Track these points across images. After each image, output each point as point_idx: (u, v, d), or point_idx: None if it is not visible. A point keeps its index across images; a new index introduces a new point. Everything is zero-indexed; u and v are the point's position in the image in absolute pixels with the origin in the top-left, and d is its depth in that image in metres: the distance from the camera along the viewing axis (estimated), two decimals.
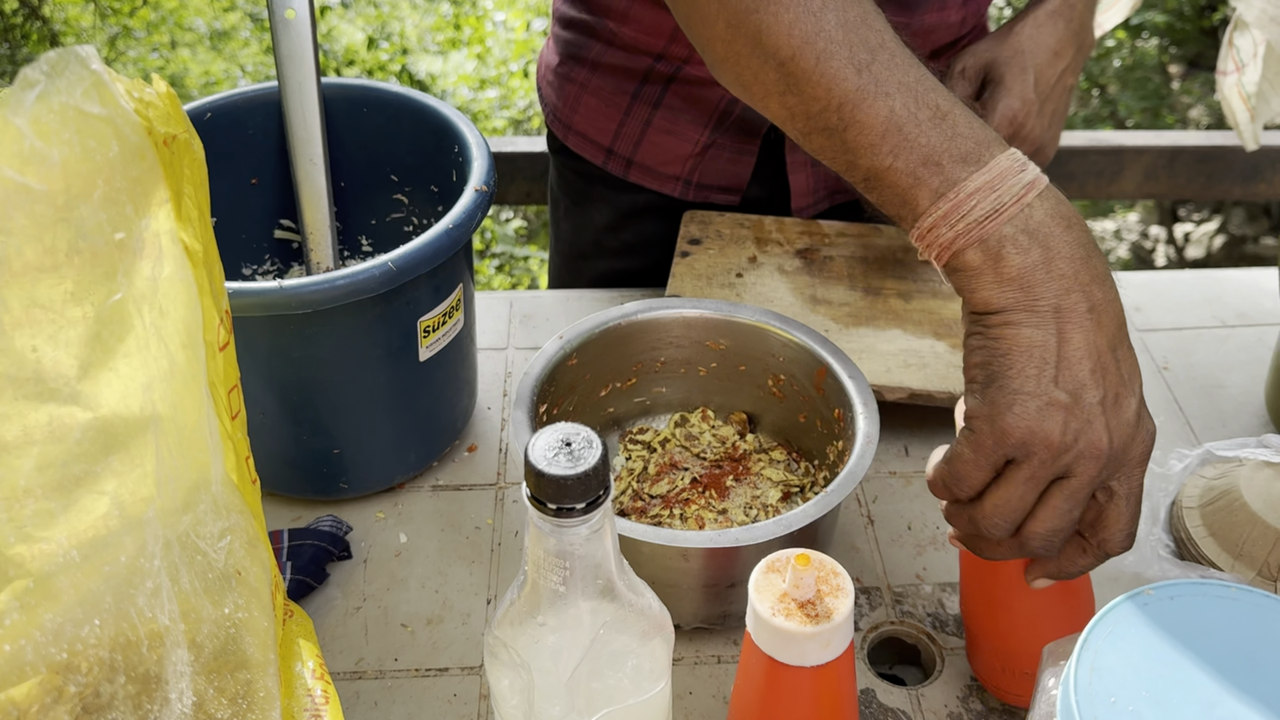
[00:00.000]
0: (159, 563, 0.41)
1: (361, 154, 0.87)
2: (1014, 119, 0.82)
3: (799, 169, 1.01)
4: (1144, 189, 1.60)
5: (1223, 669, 0.41)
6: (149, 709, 0.41)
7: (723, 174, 1.01)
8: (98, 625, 0.43)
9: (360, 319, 0.71)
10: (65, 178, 0.38)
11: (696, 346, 0.83)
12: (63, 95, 0.37)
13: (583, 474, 0.45)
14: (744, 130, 0.98)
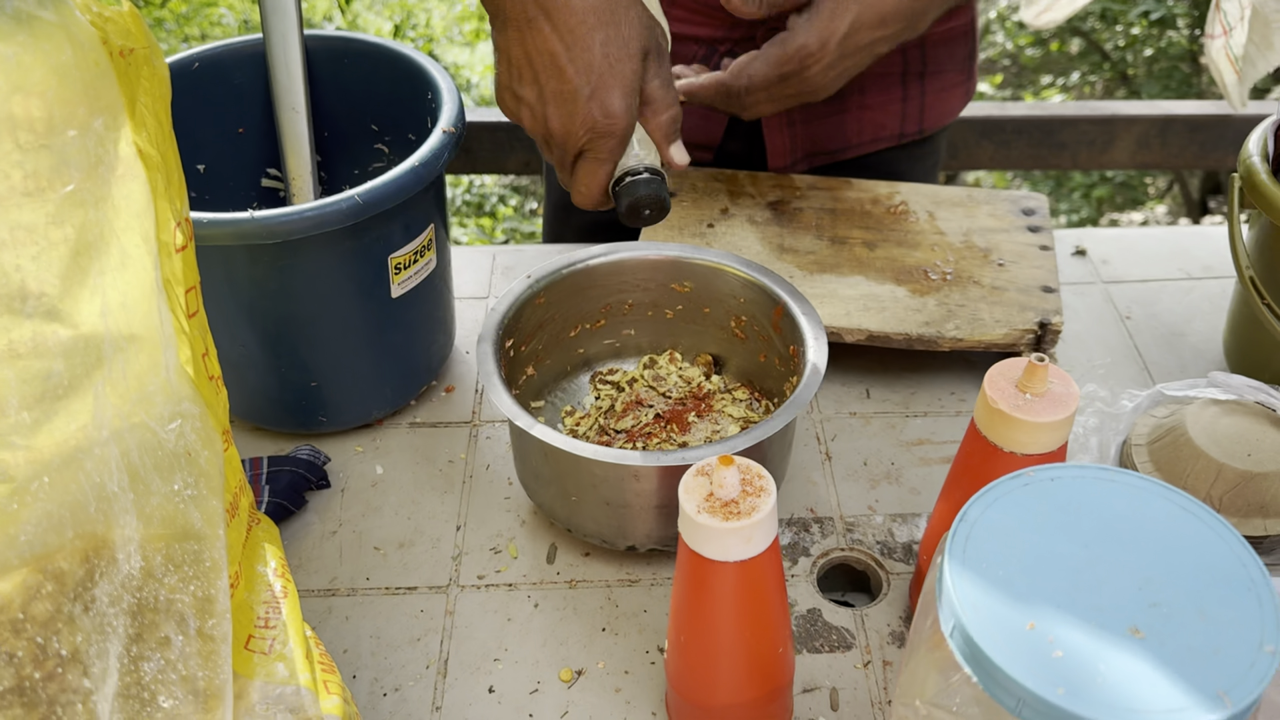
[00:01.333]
0: (107, 433, 0.44)
1: (343, 104, 0.91)
2: (805, 58, 0.82)
3: (775, 129, 1.04)
4: (1136, 159, 1.61)
5: (1092, 541, 0.44)
6: (95, 578, 0.45)
7: (698, 130, 1.04)
8: (23, 552, 0.47)
9: (332, 252, 0.74)
10: (18, 76, 0.42)
11: (662, 289, 0.86)
12: (17, 2, 0.41)
13: None
14: None
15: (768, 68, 0.85)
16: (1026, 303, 0.88)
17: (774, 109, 0.88)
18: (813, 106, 1.04)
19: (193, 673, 0.46)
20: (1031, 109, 1.61)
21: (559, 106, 0.67)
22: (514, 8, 0.65)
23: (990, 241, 0.95)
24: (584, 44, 0.65)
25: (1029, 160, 1.64)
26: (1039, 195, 0.99)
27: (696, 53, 1.01)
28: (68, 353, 0.50)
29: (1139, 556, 0.43)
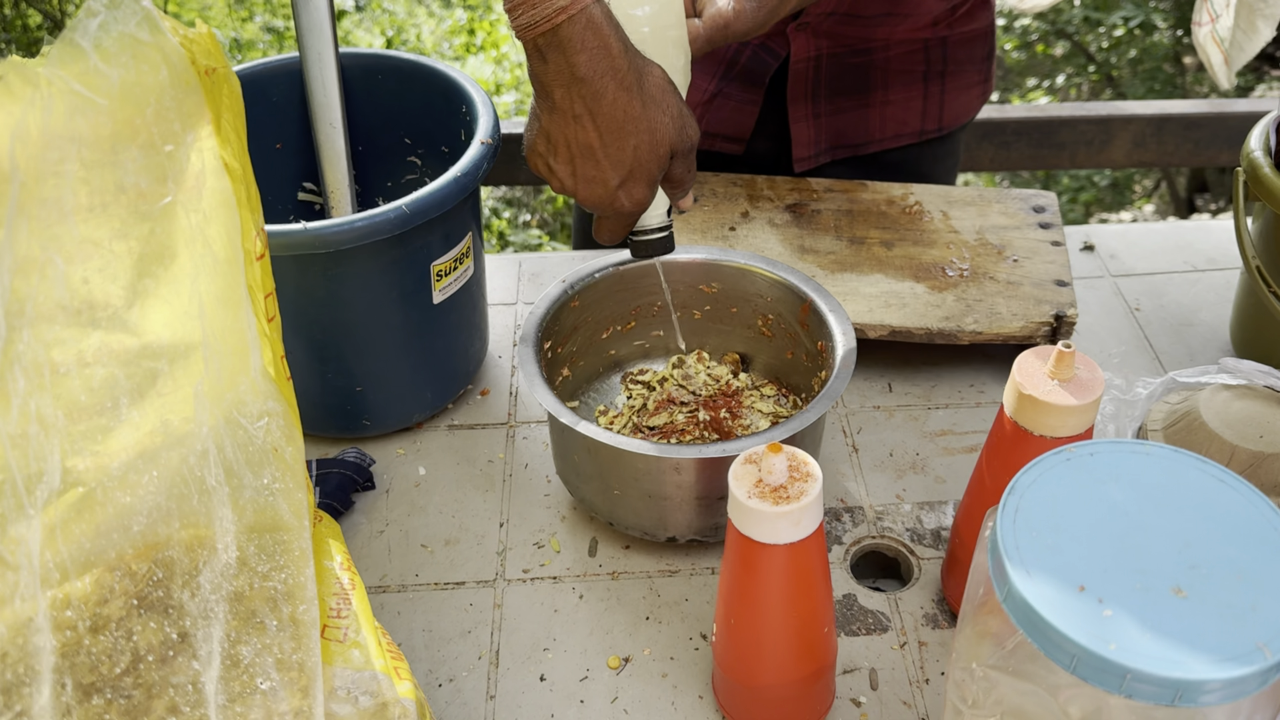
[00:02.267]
0: (206, 429, 0.47)
1: (378, 119, 0.94)
2: (726, 25, 0.82)
3: (800, 120, 1.07)
4: (1133, 157, 1.65)
5: (1133, 509, 0.47)
6: (199, 567, 0.48)
7: (728, 123, 1.08)
8: (145, 527, 0.50)
9: (378, 261, 0.77)
10: (121, 98, 0.45)
11: (691, 290, 0.89)
12: (120, 24, 0.44)
13: None
14: (749, 79, 1.06)
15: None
16: (1041, 296, 0.92)
17: None
18: (837, 100, 1.08)
19: (286, 655, 0.48)
20: (1031, 110, 1.65)
21: (589, 188, 0.73)
22: (562, 99, 0.70)
23: (1003, 239, 0.98)
24: (619, 144, 0.71)
25: (1030, 160, 1.67)
26: (1049, 194, 1.02)
27: (730, 46, 1.04)
28: (137, 361, 0.53)
29: (1177, 522, 0.46)
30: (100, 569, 0.50)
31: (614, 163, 0.72)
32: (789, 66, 1.05)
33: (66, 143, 0.45)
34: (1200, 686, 0.41)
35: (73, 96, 0.44)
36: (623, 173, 0.73)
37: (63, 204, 0.46)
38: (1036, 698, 0.46)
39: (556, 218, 4.97)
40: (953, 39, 1.08)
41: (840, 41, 1.05)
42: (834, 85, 1.08)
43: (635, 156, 0.72)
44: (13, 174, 0.44)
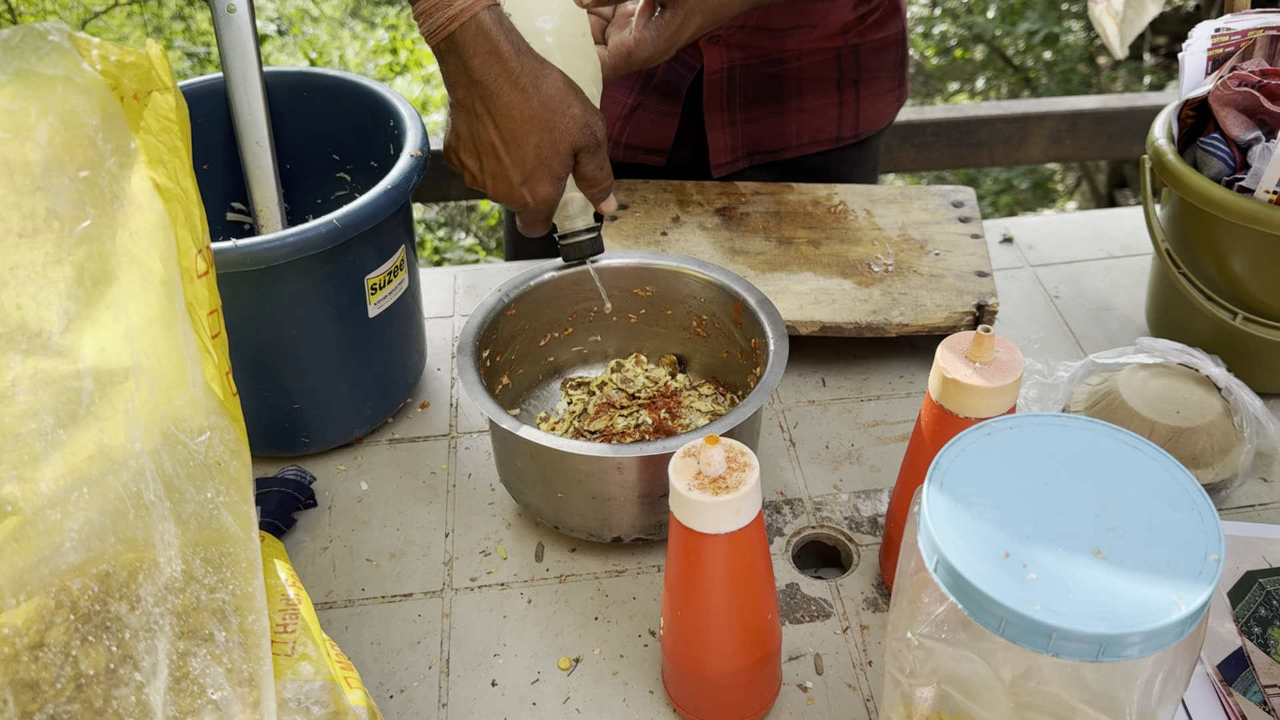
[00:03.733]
0: (140, 446, 0.47)
1: (305, 136, 0.94)
2: (629, 53, 0.85)
3: (717, 128, 1.10)
4: (1050, 153, 1.70)
5: (1052, 477, 0.49)
6: (140, 581, 0.48)
7: (649, 135, 1.10)
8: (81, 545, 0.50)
9: (311, 276, 0.77)
10: (32, 129, 0.45)
11: (626, 295, 0.90)
12: (19, 61, 0.44)
13: None
14: (666, 92, 1.08)
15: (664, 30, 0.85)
16: (963, 287, 0.95)
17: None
18: (753, 108, 1.10)
19: (237, 665, 0.49)
20: (949, 111, 1.69)
21: (495, 184, 0.79)
22: (465, 99, 0.76)
23: (925, 234, 1.01)
24: (520, 143, 0.76)
25: (950, 160, 1.72)
26: (967, 189, 1.06)
27: None
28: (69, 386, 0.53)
29: (1094, 488, 0.48)
30: (39, 591, 0.50)
31: (516, 160, 0.77)
32: (703, 78, 1.08)
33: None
34: (1122, 640, 0.43)
35: None
36: (525, 170, 0.77)
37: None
38: (970, 663, 0.47)
39: (491, 234, 4.96)
40: (864, 47, 1.11)
41: (752, 53, 1.07)
42: (749, 94, 1.10)
43: (536, 154, 0.76)
44: None
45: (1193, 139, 0.89)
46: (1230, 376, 0.83)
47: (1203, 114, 0.88)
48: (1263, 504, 0.84)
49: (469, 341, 0.81)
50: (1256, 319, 0.86)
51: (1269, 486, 0.85)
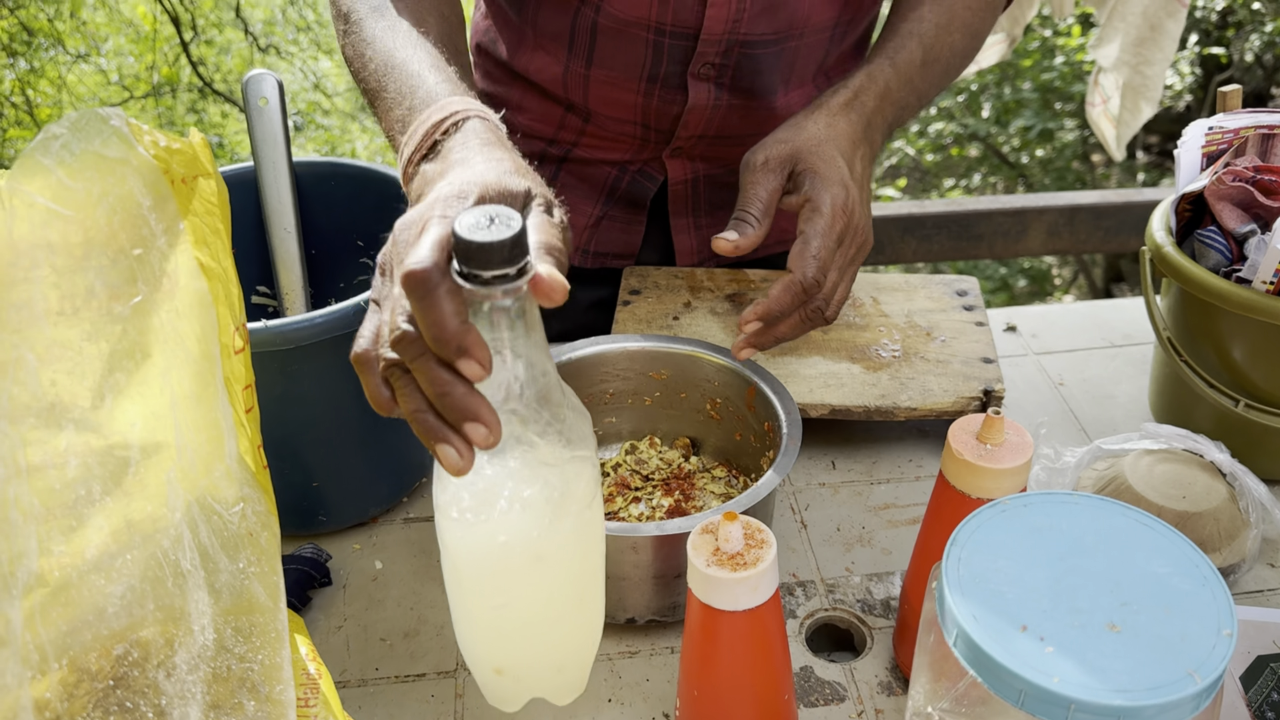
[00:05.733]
0: (180, 516, 0.49)
1: (329, 223, 0.97)
2: (845, 207, 0.81)
3: (683, 232, 1.13)
4: (1048, 245, 1.74)
5: (1066, 553, 0.50)
6: (175, 648, 0.49)
7: (616, 242, 1.13)
8: (121, 612, 0.51)
9: (336, 356, 0.79)
10: (88, 208, 0.47)
11: (641, 378, 0.92)
12: (84, 143, 0.47)
13: (510, 239, 0.48)
14: (632, 202, 1.11)
15: (823, 238, 0.81)
16: (970, 373, 0.97)
17: (847, 281, 0.85)
18: (718, 213, 1.13)
19: None
20: (950, 205, 1.74)
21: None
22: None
23: (930, 321, 1.03)
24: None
25: (950, 252, 1.76)
26: (970, 279, 1.08)
27: (610, 174, 1.10)
28: (116, 455, 0.55)
29: (1107, 563, 0.49)
30: (77, 652, 0.50)
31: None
32: (668, 188, 1.11)
33: (37, 250, 0.47)
34: (1139, 713, 0.44)
35: (38, 209, 0.46)
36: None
37: (34, 308, 0.48)
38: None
39: None
40: None
41: (715, 163, 1.10)
42: (714, 200, 1.13)
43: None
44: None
45: (1190, 231, 0.92)
46: (1235, 462, 0.85)
47: (1199, 208, 0.91)
48: (1271, 589, 0.84)
49: None
50: (1258, 406, 0.88)
51: (1277, 572, 0.86)
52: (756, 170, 0.83)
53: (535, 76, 1.05)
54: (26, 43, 6.93)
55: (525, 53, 1.05)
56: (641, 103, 1.02)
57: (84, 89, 7.72)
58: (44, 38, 7.13)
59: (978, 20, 0.97)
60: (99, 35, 8.00)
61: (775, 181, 0.83)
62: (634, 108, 1.03)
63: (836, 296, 0.82)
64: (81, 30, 7.80)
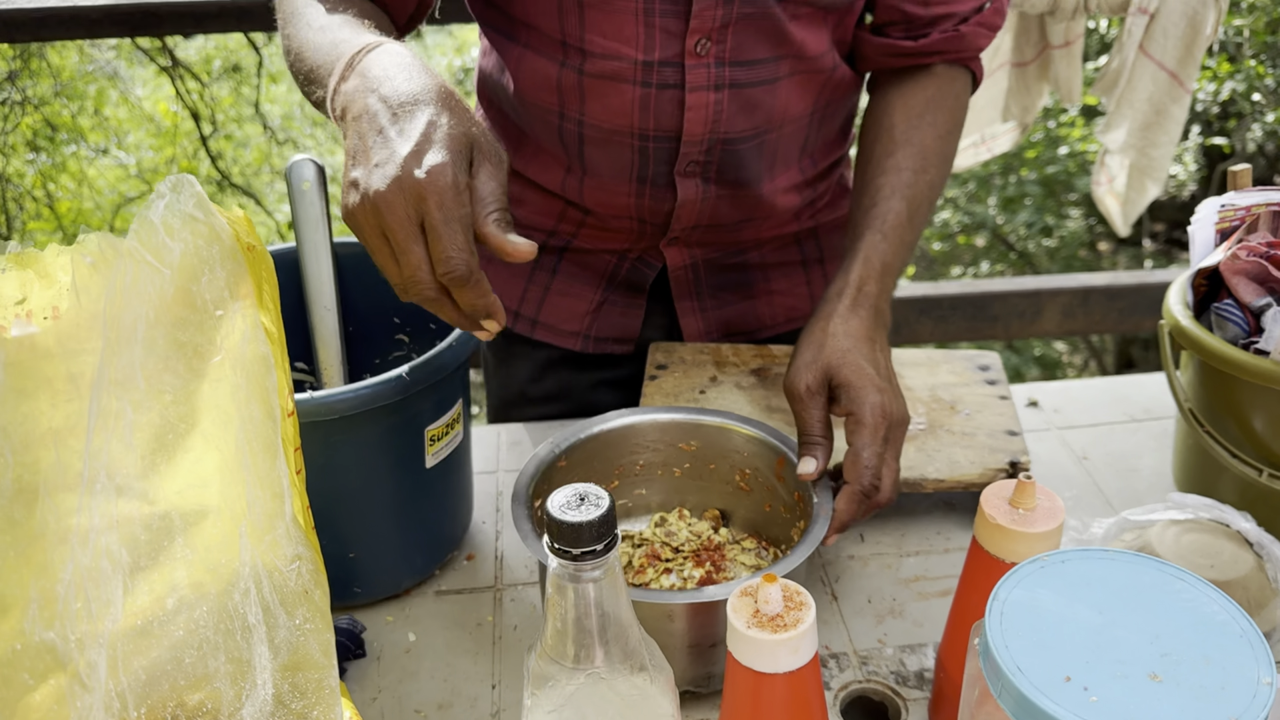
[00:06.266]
0: (247, 570, 0.50)
1: (369, 301, 1.00)
2: (883, 409, 0.84)
3: (689, 314, 1.16)
4: (1064, 326, 1.77)
5: (1105, 607, 0.51)
6: (243, 701, 0.50)
7: (616, 327, 1.16)
8: (201, 669, 0.52)
9: (377, 427, 0.82)
10: (180, 268, 0.50)
11: (670, 449, 0.94)
12: (181, 205, 0.50)
13: (599, 519, 0.54)
14: (631, 287, 1.14)
15: (870, 447, 0.84)
16: (995, 445, 0.98)
17: (896, 462, 0.86)
18: (722, 295, 1.16)
19: None
20: (965, 286, 1.77)
21: (383, 170, 0.66)
22: (357, 100, 0.70)
23: (954, 395, 1.05)
24: (411, 119, 0.68)
25: (967, 332, 1.78)
26: (991, 353, 1.10)
27: (609, 262, 1.14)
28: (181, 512, 0.56)
29: (1145, 616, 0.50)
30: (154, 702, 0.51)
31: (406, 134, 0.67)
32: (668, 274, 1.14)
33: (138, 304, 0.50)
34: None
35: (146, 264, 0.49)
36: (414, 141, 0.66)
37: (134, 359, 0.50)
38: None
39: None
40: (824, 227, 1.17)
41: (712, 248, 1.13)
42: (715, 283, 1.16)
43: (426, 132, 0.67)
44: (103, 329, 0.48)
45: (1206, 305, 0.94)
46: (1261, 531, 0.86)
47: (1214, 282, 0.94)
48: None
49: (522, 490, 0.84)
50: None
51: None
52: (803, 398, 0.87)
53: (534, 178, 1.09)
54: (50, 138, 7.10)
55: (525, 156, 1.09)
56: (634, 202, 1.06)
57: (104, 182, 7.88)
58: (67, 133, 7.31)
59: (948, 145, 1.01)
60: (121, 130, 8.22)
61: (822, 400, 0.87)
62: (628, 206, 1.06)
63: (889, 482, 0.85)
64: (104, 125, 8.02)
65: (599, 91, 0.98)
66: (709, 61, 0.96)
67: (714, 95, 0.97)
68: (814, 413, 0.87)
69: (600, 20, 0.94)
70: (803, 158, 1.10)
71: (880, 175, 0.97)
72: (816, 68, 1.01)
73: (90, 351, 0.50)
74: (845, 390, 0.86)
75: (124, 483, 0.56)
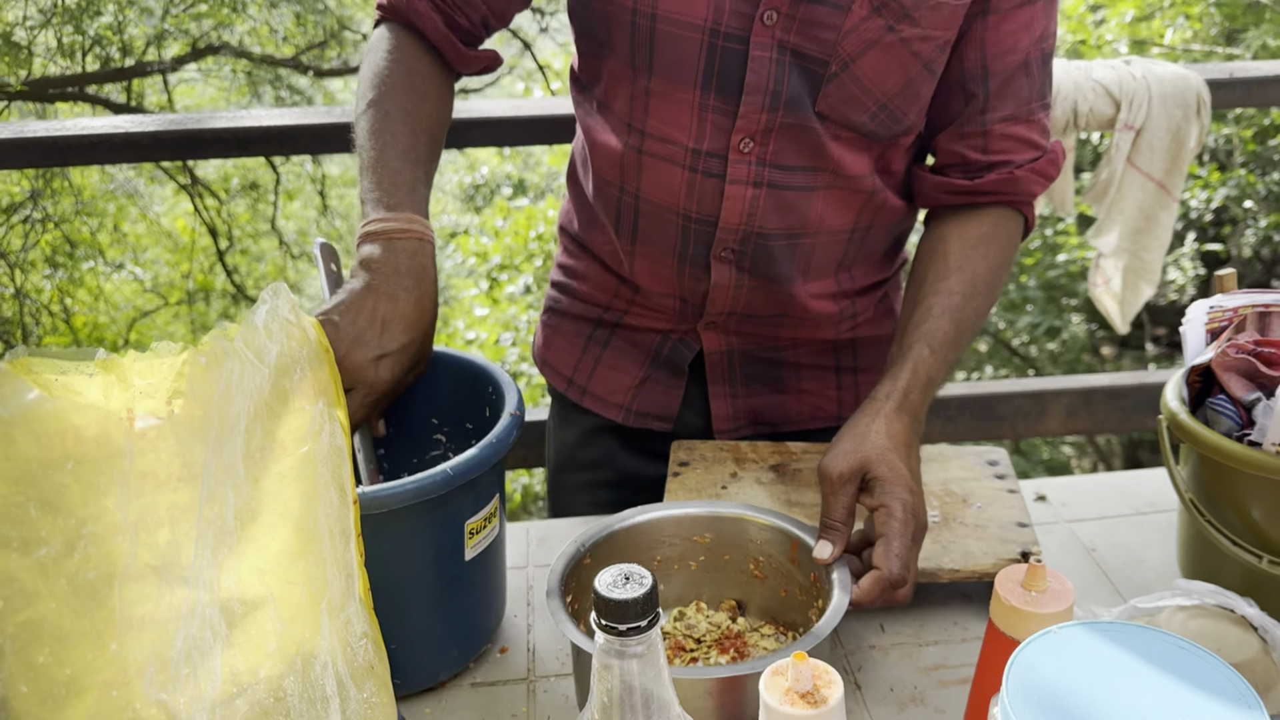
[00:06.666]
0: (327, 644, 0.55)
1: (409, 403, 1.06)
2: (914, 509, 0.90)
3: (720, 398, 1.22)
4: (1068, 426, 1.82)
5: (1116, 674, 0.55)
6: None
7: (657, 403, 1.22)
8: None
9: (421, 520, 0.86)
10: (277, 366, 0.56)
11: (686, 543, 0.98)
12: (280, 310, 0.56)
13: (644, 596, 0.59)
14: (673, 367, 1.21)
15: (901, 538, 0.89)
16: (1006, 536, 1.02)
17: (915, 566, 0.92)
18: (753, 385, 1.23)
19: None
20: (971, 387, 1.82)
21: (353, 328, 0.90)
22: (367, 268, 0.94)
23: (966, 489, 1.10)
24: (390, 325, 0.93)
25: (974, 433, 1.83)
26: (1000, 450, 1.15)
27: (654, 340, 1.21)
28: (248, 598, 0.61)
29: (1156, 683, 0.54)
30: None
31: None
32: (705, 357, 1.21)
33: (241, 399, 0.56)
34: None
35: (249, 364, 0.55)
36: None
37: (237, 449, 0.56)
38: None
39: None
40: (862, 341, 1.24)
41: (749, 339, 1.20)
42: (749, 373, 1.23)
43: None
44: (214, 421, 0.54)
45: (1201, 400, 0.99)
46: (1265, 616, 0.89)
47: (1208, 379, 0.99)
48: None
49: (555, 585, 0.88)
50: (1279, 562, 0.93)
51: None
52: (835, 483, 0.93)
53: (597, 250, 1.20)
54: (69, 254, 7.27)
55: (592, 230, 1.20)
56: (675, 279, 1.14)
57: (120, 297, 8.02)
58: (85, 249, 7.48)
59: (997, 277, 1.08)
60: (138, 246, 8.42)
61: (851, 490, 0.93)
62: (671, 281, 1.15)
63: (912, 578, 0.90)
64: (122, 241, 8.22)
65: (653, 169, 1.08)
66: (750, 159, 1.05)
67: (751, 190, 1.06)
68: (842, 499, 0.91)
69: (661, 108, 1.04)
70: (840, 271, 1.17)
71: (932, 295, 1.04)
72: (855, 187, 1.08)
73: (200, 442, 0.56)
74: (880, 484, 0.91)
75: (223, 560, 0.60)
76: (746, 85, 1.01)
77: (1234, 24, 6.47)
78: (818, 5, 0.97)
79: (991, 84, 1.05)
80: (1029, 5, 1.03)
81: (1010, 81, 1.05)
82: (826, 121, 1.03)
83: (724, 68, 1.01)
